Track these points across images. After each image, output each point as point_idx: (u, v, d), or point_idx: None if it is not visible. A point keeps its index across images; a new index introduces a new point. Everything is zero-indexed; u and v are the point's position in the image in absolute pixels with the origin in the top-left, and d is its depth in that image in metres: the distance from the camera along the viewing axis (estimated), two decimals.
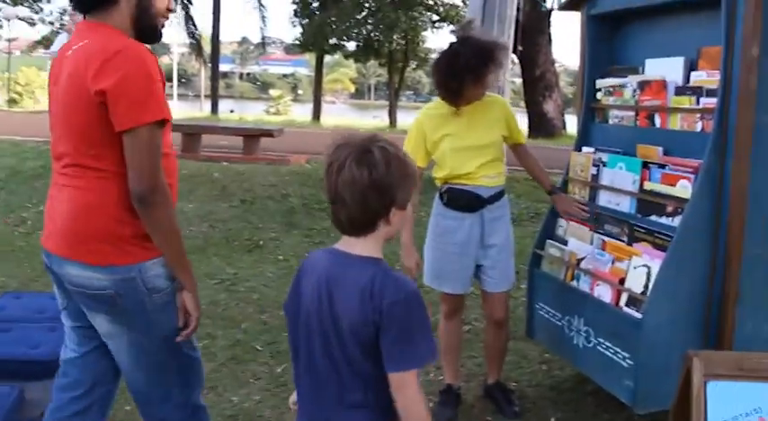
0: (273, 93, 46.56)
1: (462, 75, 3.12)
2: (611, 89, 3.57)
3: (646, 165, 3.22)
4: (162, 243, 2.18)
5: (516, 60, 17.46)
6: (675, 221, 3.00)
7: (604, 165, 3.47)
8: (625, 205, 3.31)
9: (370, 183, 1.62)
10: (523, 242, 6.93)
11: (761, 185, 2.93)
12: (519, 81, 20.16)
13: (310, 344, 1.75)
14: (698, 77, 3.10)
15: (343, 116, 35.02)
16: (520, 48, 16.10)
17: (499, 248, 3.44)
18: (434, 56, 3.54)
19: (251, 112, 31.84)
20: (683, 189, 2.99)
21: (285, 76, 79.92)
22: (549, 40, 18.59)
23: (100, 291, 2.19)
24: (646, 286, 3.01)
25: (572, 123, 22.44)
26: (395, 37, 25.06)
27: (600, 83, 3.65)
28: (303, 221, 7.26)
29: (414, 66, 29.98)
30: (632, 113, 3.44)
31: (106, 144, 2.10)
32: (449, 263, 3.41)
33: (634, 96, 3.40)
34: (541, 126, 18.54)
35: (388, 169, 1.64)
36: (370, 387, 1.70)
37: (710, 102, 2.98)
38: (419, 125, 3.41)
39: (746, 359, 1.95)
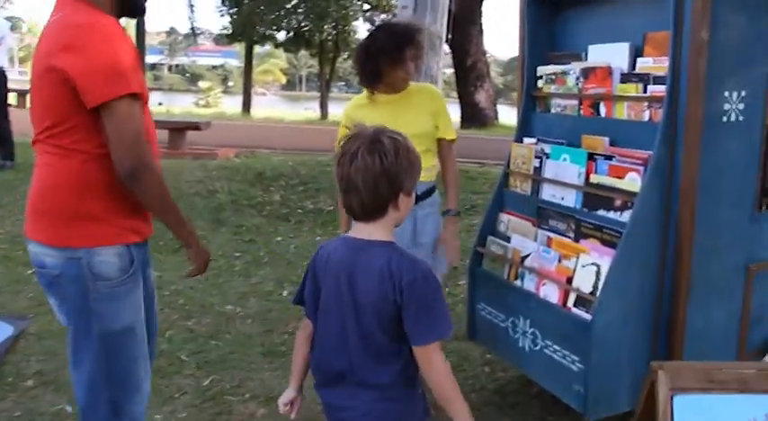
0: (203, 84, 45.61)
1: (377, 57, 3.04)
2: (552, 76, 3.39)
3: (591, 156, 3.05)
4: (159, 214, 2.17)
5: (448, 50, 17.38)
6: (624, 216, 2.84)
7: (548, 157, 3.30)
8: (570, 199, 3.14)
9: (381, 171, 1.73)
10: (462, 241, 6.77)
11: (711, 176, 2.79)
12: (450, 71, 20.09)
13: (328, 327, 1.88)
14: (644, 64, 2.94)
15: (274, 108, 34.42)
16: (449, 36, 16.00)
17: (428, 247, 3.27)
18: None
19: (180, 105, 31.00)
20: (632, 182, 2.83)
21: (215, 67, 78.37)
22: (481, 29, 18.55)
23: (49, 270, 2.14)
24: (595, 285, 2.84)
25: (504, 113, 22.62)
26: (326, 26, 24.72)
27: (541, 70, 3.46)
28: (231, 218, 6.94)
29: (345, 56, 29.64)
30: (576, 102, 3.27)
31: (75, 122, 2.03)
32: None
33: (577, 84, 3.23)
34: (474, 116, 18.56)
35: (398, 157, 1.75)
36: (382, 362, 1.82)
37: (658, 89, 2.82)
38: (346, 118, 3.26)
39: (717, 369, 1.77)
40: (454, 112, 18.25)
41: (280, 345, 4.18)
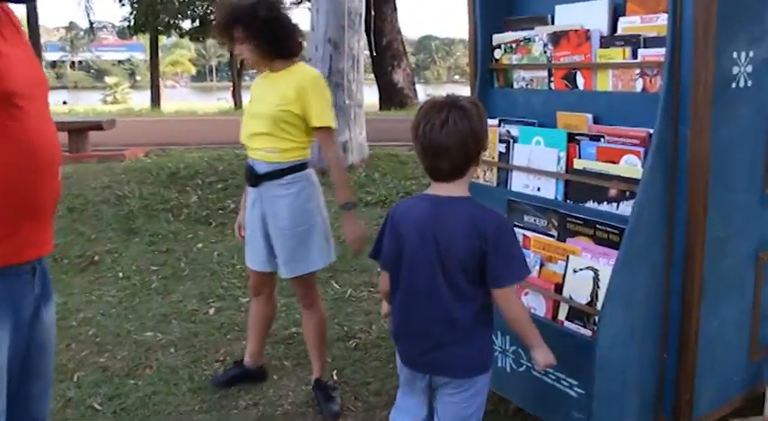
0: (110, 80, 43.65)
1: (219, 36, 3.07)
2: (512, 45, 2.87)
3: (572, 137, 2.55)
4: None
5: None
6: (623, 208, 2.35)
7: (515, 141, 2.78)
8: (549, 190, 2.64)
9: (470, 132, 1.93)
10: None
11: (721, 153, 2.33)
12: (366, 52, 19.54)
13: (414, 277, 2.04)
14: (629, 24, 2.45)
15: (185, 100, 33.11)
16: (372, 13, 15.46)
17: (284, 234, 3.08)
18: None
19: (86, 103, 29.43)
20: (631, 166, 2.34)
21: (121, 61, 75.60)
22: (394, 7, 18.06)
23: None
24: (593, 295, 2.35)
25: (423, 93, 22.24)
26: None
27: (498, 38, 2.94)
28: (145, 226, 6.21)
29: None
30: (544, 74, 2.76)
31: None
32: (248, 236, 3.25)
33: (545, 52, 2.72)
34: (393, 97, 18.17)
35: (480, 120, 1.96)
36: (468, 306, 2.01)
37: (652, 53, 2.33)
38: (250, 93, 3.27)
39: None
40: (372, 94, 17.88)
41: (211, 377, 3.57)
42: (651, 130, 2.32)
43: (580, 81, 2.60)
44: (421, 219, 2.01)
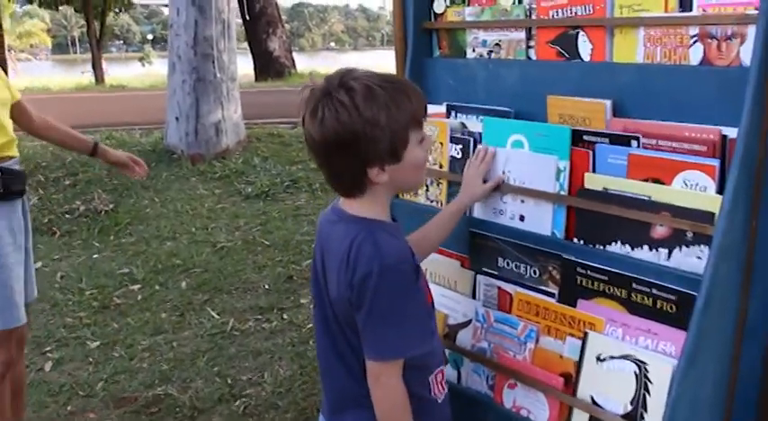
0: None
1: None
2: None
3: (580, 138, 1.59)
4: None
5: None
6: (679, 257, 1.42)
7: (478, 140, 1.81)
8: (540, 220, 1.67)
9: (357, 126, 1.31)
10: (288, 232, 5.35)
11: None
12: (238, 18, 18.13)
13: (316, 325, 1.49)
14: None
15: (44, 75, 30.13)
16: None
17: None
18: None
19: None
20: (693, 192, 1.40)
21: None
22: None
23: None
24: (638, 400, 1.42)
25: (301, 62, 21.02)
26: None
27: None
28: None
29: (117, 11, 26.33)
30: (519, 35, 1.78)
31: None
32: None
33: (521, 2, 1.74)
34: (268, 66, 17.00)
35: (379, 104, 1.31)
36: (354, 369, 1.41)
37: (721, 1, 1.40)
38: None
39: None
40: (247, 64, 16.56)
41: None
42: (724, 131, 1.39)
43: (585, 47, 1.63)
44: (319, 233, 1.49)
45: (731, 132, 1.39)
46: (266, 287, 4.16)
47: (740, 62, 1.40)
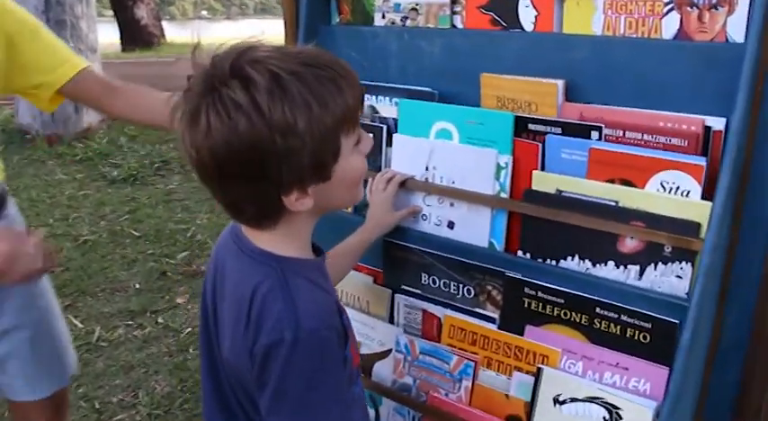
0: None
1: None
2: None
3: (524, 126, 1.29)
4: None
5: None
6: (653, 276, 1.15)
7: (392, 129, 1.48)
8: (476, 227, 1.36)
9: (264, 135, 0.90)
10: (160, 220, 4.77)
11: None
12: None
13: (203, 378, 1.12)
14: None
15: None
16: None
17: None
18: None
19: None
20: (672, 198, 1.13)
21: None
22: None
23: None
24: None
25: (171, 31, 19.99)
26: None
27: None
28: None
29: None
30: None
31: None
32: None
33: None
34: (136, 36, 15.99)
35: (296, 101, 0.90)
36: None
37: None
38: None
39: None
40: (112, 33, 15.54)
41: None
42: (708, 120, 1.13)
43: (527, 13, 1.32)
44: (214, 260, 1.09)
45: (715, 123, 1.12)
46: (137, 286, 3.68)
47: (726, 36, 1.13)
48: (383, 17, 1.55)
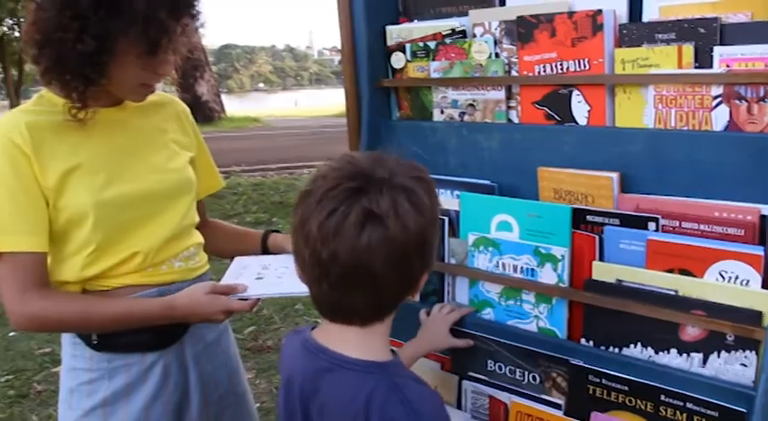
0: None
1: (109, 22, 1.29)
2: (428, 44, 1.61)
3: (582, 217, 1.33)
4: None
5: None
6: (716, 363, 1.17)
7: (454, 222, 1.54)
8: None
9: (417, 239, 0.98)
10: None
11: None
12: None
13: None
14: (674, 1, 1.27)
15: None
16: None
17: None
18: None
19: None
20: (732, 286, 1.15)
21: None
22: None
23: None
24: None
25: (230, 104, 20.61)
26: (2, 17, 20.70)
27: (396, 31, 1.68)
28: None
29: None
30: (499, 94, 1.52)
31: None
32: None
33: (500, 55, 1.49)
34: (197, 111, 16.56)
35: (435, 210, 1.03)
36: None
37: (748, 54, 1.17)
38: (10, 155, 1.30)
39: None
40: None
41: None
42: (764, 209, 1.16)
43: (580, 109, 1.39)
44: (292, 381, 1.06)
45: None
46: None
47: None
48: (441, 113, 1.63)
